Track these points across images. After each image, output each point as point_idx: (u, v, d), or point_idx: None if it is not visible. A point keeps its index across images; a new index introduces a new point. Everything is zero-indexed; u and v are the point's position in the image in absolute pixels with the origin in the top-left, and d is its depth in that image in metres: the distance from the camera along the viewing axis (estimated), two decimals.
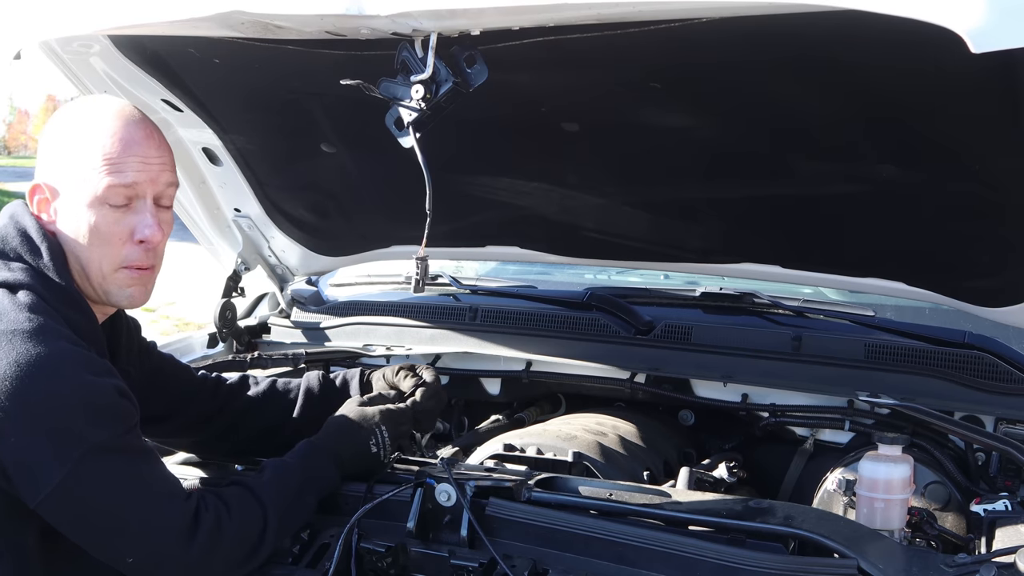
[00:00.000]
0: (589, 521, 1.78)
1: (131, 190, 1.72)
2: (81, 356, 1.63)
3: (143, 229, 1.73)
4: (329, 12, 1.69)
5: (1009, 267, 2.24)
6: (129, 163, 1.71)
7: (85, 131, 1.73)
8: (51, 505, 1.58)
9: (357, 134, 2.49)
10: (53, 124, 1.78)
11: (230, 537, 1.70)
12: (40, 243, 1.71)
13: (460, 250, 3.02)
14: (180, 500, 1.68)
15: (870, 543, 1.69)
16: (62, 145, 1.75)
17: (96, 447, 1.59)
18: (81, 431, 1.58)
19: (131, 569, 1.68)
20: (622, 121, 2.22)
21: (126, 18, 1.91)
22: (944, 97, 1.84)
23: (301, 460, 1.88)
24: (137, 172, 1.72)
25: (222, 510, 1.71)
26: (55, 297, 1.68)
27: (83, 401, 1.59)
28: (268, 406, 2.17)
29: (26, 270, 1.68)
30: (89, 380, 1.61)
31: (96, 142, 1.71)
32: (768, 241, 2.56)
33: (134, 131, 1.73)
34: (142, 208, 1.74)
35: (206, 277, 2.98)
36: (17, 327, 1.59)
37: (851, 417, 2.44)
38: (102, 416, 1.61)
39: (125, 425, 1.65)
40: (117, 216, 1.72)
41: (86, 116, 1.75)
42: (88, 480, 1.59)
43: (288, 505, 1.80)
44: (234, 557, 1.72)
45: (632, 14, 1.65)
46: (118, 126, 1.72)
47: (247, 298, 3.14)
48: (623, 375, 2.66)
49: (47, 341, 1.59)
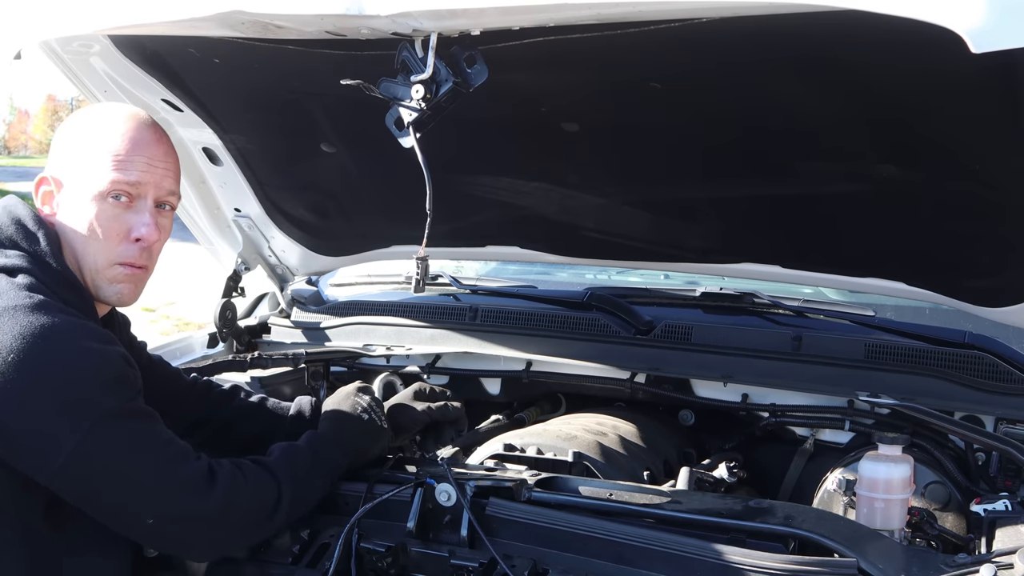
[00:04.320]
0: (589, 521, 1.78)
1: (134, 188, 1.76)
2: (85, 326, 1.66)
3: (140, 228, 1.77)
4: (329, 12, 1.69)
5: (1009, 267, 2.24)
6: (135, 162, 1.76)
7: (97, 130, 1.78)
8: (65, 475, 1.59)
9: (357, 134, 2.49)
10: (68, 123, 1.85)
11: (246, 495, 1.73)
12: (36, 230, 1.74)
13: (460, 250, 3.02)
14: (192, 458, 1.71)
15: (870, 543, 1.69)
16: (73, 142, 1.80)
17: (106, 413, 1.60)
18: (91, 398, 1.60)
19: (150, 532, 1.69)
20: (622, 121, 2.22)
21: (126, 18, 1.92)
22: (944, 97, 1.84)
23: (308, 443, 1.92)
24: (142, 172, 1.76)
25: (237, 472, 1.74)
26: (52, 280, 1.70)
27: (91, 369, 1.61)
28: (258, 415, 2.18)
29: (22, 256, 1.70)
30: (96, 347, 1.63)
31: (106, 140, 1.76)
32: (768, 241, 2.56)
33: (144, 133, 1.79)
34: (142, 208, 1.78)
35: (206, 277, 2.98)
36: (18, 303, 1.60)
37: (851, 417, 2.44)
38: (110, 383, 1.63)
39: (132, 391, 1.67)
40: (117, 212, 1.76)
41: (99, 117, 1.81)
42: (101, 446, 1.60)
43: (299, 478, 1.83)
44: (250, 516, 1.75)
45: (632, 14, 1.65)
46: (129, 127, 1.78)
47: (247, 298, 3.14)
48: (623, 375, 2.67)
49: (50, 314, 1.61)
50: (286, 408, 2.20)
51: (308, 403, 2.21)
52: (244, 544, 1.79)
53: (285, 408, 2.20)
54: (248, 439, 2.12)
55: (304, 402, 2.21)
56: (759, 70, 1.92)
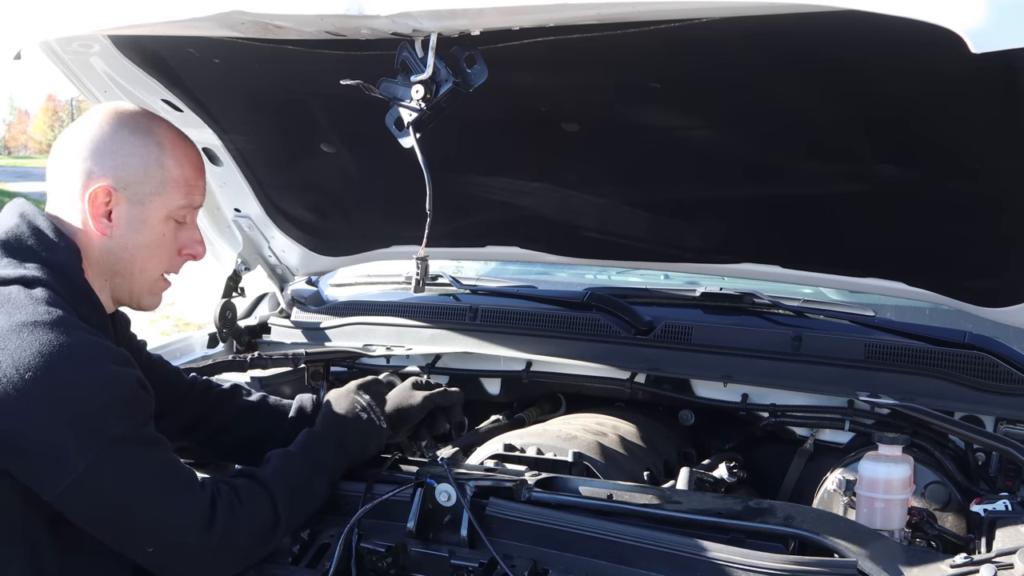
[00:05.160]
0: (589, 521, 1.78)
1: (194, 212, 1.89)
2: (104, 347, 1.65)
3: (195, 246, 1.90)
4: (329, 12, 1.69)
5: (1009, 267, 2.24)
6: (199, 187, 1.88)
7: (161, 150, 1.82)
8: (71, 496, 1.59)
9: (357, 134, 2.49)
10: (114, 129, 1.80)
11: (244, 525, 1.73)
12: (56, 240, 1.74)
13: (460, 250, 3.02)
14: (197, 490, 1.71)
15: (870, 543, 1.69)
16: (140, 158, 1.80)
17: (117, 438, 1.60)
18: (104, 422, 1.59)
19: (150, 559, 1.69)
20: (622, 121, 2.22)
21: (126, 18, 1.91)
22: (944, 97, 1.84)
23: (304, 447, 1.91)
24: (202, 196, 1.90)
25: (234, 499, 1.74)
26: (70, 293, 1.69)
27: (107, 391, 1.61)
28: (258, 415, 2.17)
29: (40, 267, 1.69)
30: (113, 370, 1.63)
31: (175, 164, 1.82)
32: (768, 241, 2.56)
33: (197, 159, 1.90)
34: (194, 225, 1.90)
35: (206, 277, 2.97)
36: (38, 319, 1.59)
37: (851, 417, 2.44)
38: (124, 407, 1.63)
39: (144, 416, 1.67)
40: (176, 231, 1.86)
41: (157, 133, 1.83)
42: (109, 472, 1.60)
43: (297, 489, 1.83)
44: (248, 544, 1.75)
45: (632, 14, 1.65)
46: (188, 150, 1.87)
47: (247, 298, 3.14)
48: (623, 375, 2.67)
49: (69, 332, 1.60)
50: (287, 407, 2.20)
51: (309, 401, 2.20)
52: (243, 567, 1.78)
53: (286, 407, 2.19)
54: (248, 438, 2.12)
55: (305, 400, 2.21)
56: (759, 70, 1.91)
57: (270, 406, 2.20)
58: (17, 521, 1.63)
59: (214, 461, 2.19)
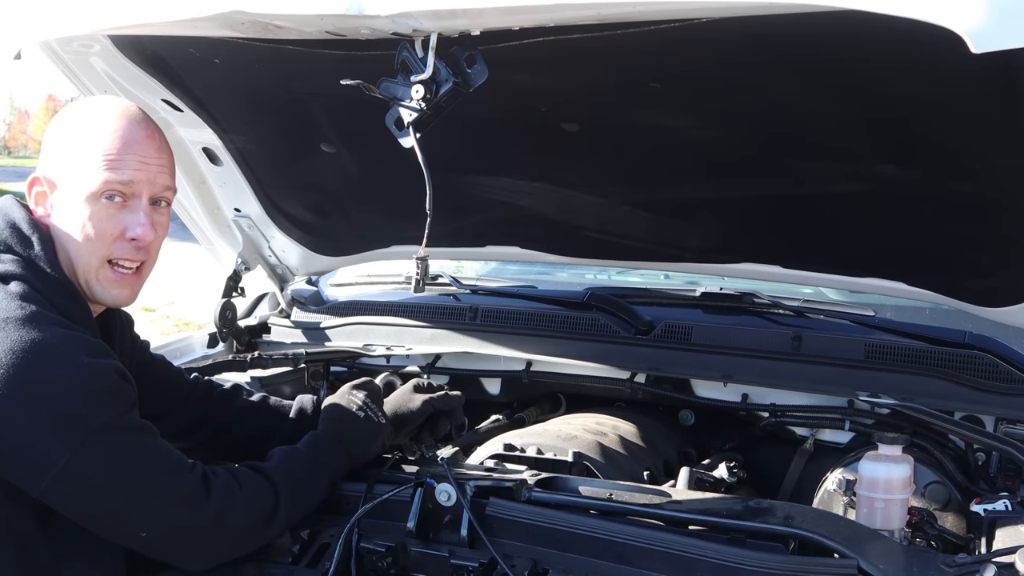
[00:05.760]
0: (589, 521, 1.78)
1: (127, 188, 1.74)
2: (78, 339, 1.64)
3: (135, 227, 1.75)
4: (329, 12, 1.69)
5: (1009, 267, 2.24)
6: (128, 161, 1.73)
7: (87, 128, 1.75)
8: (57, 490, 1.58)
9: (357, 134, 2.49)
10: (58, 121, 1.81)
11: (242, 504, 1.73)
12: (30, 234, 1.72)
13: (460, 250, 3.02)
14: (187, 470, 1.70)
15: (870, 543, 1.69)
16: (64, 141, 1.77)
17: (98, 429, 1.59)
18: (82, 414, 1.59)
19: (145, 543, 1.69)
20: (622, 121, 2.22)
21: (126, 18, 1.91)
22: (944, 97, 1.84)
23: (307, 445, 1.92)
24: (135, 171, 1.74)
25: (232, 482, 1.74)
26: (46, 287, 1.68)
27: (83, 384, 1.60)
28: (259, 415, 2.17)
29: (16, 261, 1.69)
30: (87, 362, 1.62)
31: (97, 139, 1.73)
32: (768, 241, 2.56)
33: (136, 131, 1.76)
34: (137, 207, 1.76)
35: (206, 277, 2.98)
36: (10, 315, 1.59)
37: (851, 417, 2.44)
38: (102, 398, 1.62)
39: (125, 405, 1.66)
40: (111, 212, 1.74)
41: (90, 114, 1.78)
42: (93, 462, 1.59)
43: (299, 483, 1.83)
44: (247, 525, 1.75)
45: (632, 14, 1.65)
46: (120, 124, 1.75)
47: (247, 298, 3.14)
48: (623, 375, 2.67)
49: (41, 327, 1.59)
50: (287, 407, 2.20)
51: (310, 402, 2.21)
52: (241, 552, 1.78)
53: (286, 407, 2.20)
54: (249, 439, 2.12)
55: (306, 401, 2.21)
56: (759, 70, 1.91)
57: (271, 407, 2.20)
58: (3, 516, 1.63)
59: (216, 461, 2.19)
